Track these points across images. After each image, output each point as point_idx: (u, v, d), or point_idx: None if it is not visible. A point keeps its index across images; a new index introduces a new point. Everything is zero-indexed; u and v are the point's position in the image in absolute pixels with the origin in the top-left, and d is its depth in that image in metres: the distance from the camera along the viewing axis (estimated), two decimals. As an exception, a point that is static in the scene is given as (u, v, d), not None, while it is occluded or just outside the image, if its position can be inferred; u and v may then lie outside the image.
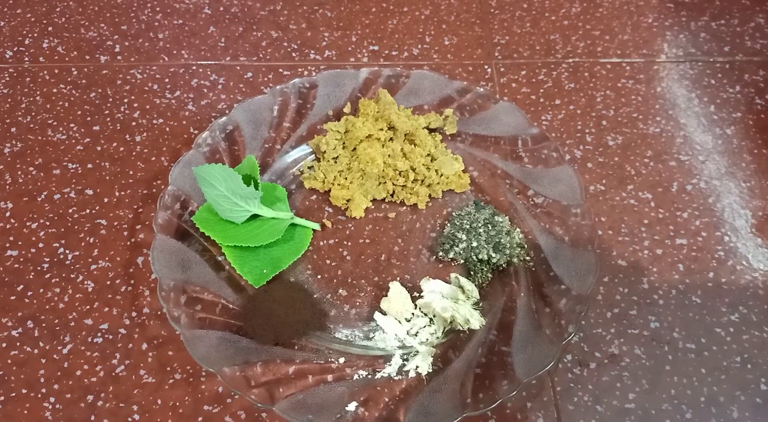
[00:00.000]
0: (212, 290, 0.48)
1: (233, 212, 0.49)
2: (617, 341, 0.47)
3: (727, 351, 0.47)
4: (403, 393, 0.44)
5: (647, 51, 0.68)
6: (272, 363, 0.44)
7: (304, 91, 0.59)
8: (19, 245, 0.52)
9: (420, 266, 0.51)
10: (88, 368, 0.46)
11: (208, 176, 0.48)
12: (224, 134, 0.55)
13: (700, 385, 0.45)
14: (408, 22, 0.71)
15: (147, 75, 0.65)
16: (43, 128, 0.60)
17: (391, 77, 0.60)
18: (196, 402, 0.44)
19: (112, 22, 0.71)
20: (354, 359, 0.46)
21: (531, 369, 0.42)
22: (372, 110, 0.56)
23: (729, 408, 0.44)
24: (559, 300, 0.46)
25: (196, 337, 0.44)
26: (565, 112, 0.62)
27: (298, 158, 0.58)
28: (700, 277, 0.51)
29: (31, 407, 0.44)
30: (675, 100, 0.63)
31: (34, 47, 0.68)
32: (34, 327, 0.48)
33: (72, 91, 0.64)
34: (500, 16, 0.72)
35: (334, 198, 0.54)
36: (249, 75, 0.65)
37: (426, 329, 0.47)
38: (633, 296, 0.49)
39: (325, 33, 0.70)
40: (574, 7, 0.73)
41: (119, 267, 0.51)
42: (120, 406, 0.44)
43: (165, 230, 0.49)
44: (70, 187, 0.56)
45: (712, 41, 0.69)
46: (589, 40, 0.69)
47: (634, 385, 0.45)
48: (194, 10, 0.72)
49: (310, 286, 0.50)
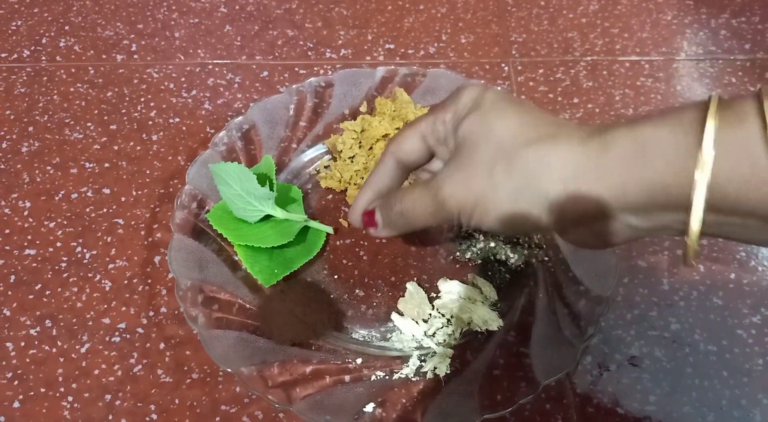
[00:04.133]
0: (229, 290, 0.48)
1: (247, 212, 0.49)
2: (637, 343, 0.47)
3: (749, 353, 0.46)
4: (420, 395, 0.43)
5: (666, 49, 0.67)
6: (289, 364, 0.44)
7: (320, 90, 0.59)
8: (37, 244, 0.52)
9: (437, 267, 0.51)
10: (106, 367, 0.46)
11: (224, 174, 0.48)
12: (240, 133, 0.55)
13: (722, 388, 0.45)
14: (424, 20, 0.71)
15: (163, 74, 0.66)
16: (60, 127, 0.61)
17: (407, 76, 0.59)
18: (213, 402, 0.44)
19: (129, 21, 0.71)
20: (371, 360, 0.45)
21: (550, 371, 0.42)
22: (388, 109, 0.56)
23: (751, 412, 0.43)
24: (578, 301, 0.46)
25: (214, 337, 0.44)
26: (583, 110, 0.61)
27: (314, 158, 0.57)
28: (721, 278, 0.50)
29: (49, 406, 0.44)
30: (695, 99, 0.63)
31: (51, 46, 0.68)
32: (52, 325, 0.48)
33: (89, 91, 0.64)
34: (517, 14, 0.71)
35: (351, 198, 0.54)
36: (265, 74, 0.65)
37: (443, 330, 0.47)
38: (653, 298, 0.49)
39: (340, 31, 0.70)
40: (592, 5, 0.72)
41: (136, 267, 0.51)
42: (138, 406, 0.44)
43: (182, 229, 0.49)
44: (87, 186, 0.56)
45: (732, 39, 0.68)
46: (608, 38, 0.68)
47: (654, 388, 0.45)
48: (210, 9, 0.72)
49: (327, 286, 0.50)
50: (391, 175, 0.41)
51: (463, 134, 0.35)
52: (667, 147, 0.29)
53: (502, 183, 0.33)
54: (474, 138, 0.34)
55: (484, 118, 0.34)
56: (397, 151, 0.40)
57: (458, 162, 0.35)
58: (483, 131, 0.34)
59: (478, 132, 0.34)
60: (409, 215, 0.38)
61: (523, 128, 0.33)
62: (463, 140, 0.35)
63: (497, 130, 0.34)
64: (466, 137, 0.35)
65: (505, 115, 0.34)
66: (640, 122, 0.30)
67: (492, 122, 0.34)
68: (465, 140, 0.35)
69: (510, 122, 0.34)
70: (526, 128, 0.33)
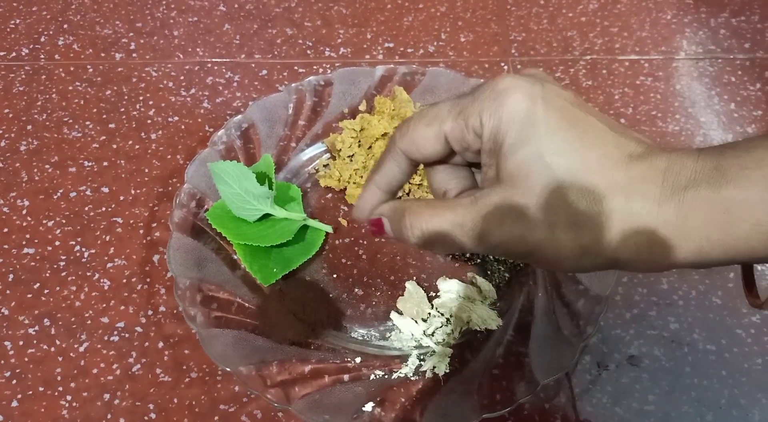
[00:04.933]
0: (228, 289, 0.47)
1: (246, 211, 0.49)
2: (636, 342, 0.47)
3: (748, 352, 0.46)
4: (419, 394, 0.43)
5: (666, 48, 0.67)
6: (288, 363, 0.44)
7: (319, 88, 0.59)
8: (35, 243, 0.52)
9: (436, 266, 0.51)
10: (105, 366, 0.46)
11: (222, 172, 0.48)
12: (239, 132, 0.55)
13: (721, 387, 0.45)
14: (423, 19, 0.71)
15: (162, 73, 0.65)
16: (58, 126, 0.61)
17: (406, 75, 0.59)
18: (212, 401, 0.44)
19: (127, 19, 0.71)
20: (370, 359, 0.45)
21: (549, 370, 0.42)
22: (388, 108, 0.56)
23: (750, 411, 0.43)
24: (577, 301, 0.46)
25: (212, 336, 0.44)
26: (582, 110, 0.61)
27: (313, 157, 0.57)
28: (720, 278, 0.50)
29: (48, 405, 0.44)
30: (694, 98, 0.63)
31: (50, 45, 0.68)
32: (51, 324, 0.48)
33: (87, 89, 0.64)
34: (517, 12, 0.71)
35: (350, 197, 0.54)
36: (264, 73, 0.65)
37: (442, 329, 0.47)
38: (652, 297, 0.49)
39: (340, 30, 0.69)
40: (592, 4, 0.72)
41: (135, 265, 0.51)
42: (136, 405, 0.44)
43: (181, 228, 0.49)
44: (86, 185, 0.56)
45: (732, 38, 0.68)
46: (607, 37, 0.68)
47: (653, 387, 0.45)
48: (209, 8, 0.72)
49: (326, 285, 0.50)
50: (399, 170, 0.36)
51: (515, 168, 0.30)
52: (756, 211, 0.27)
53: (566, 242, 0.29)
54: (531, 179, 0.29)
55: (542, 154, 0.29)
56: (410, 148, 0.34)
57: (509, 202, 0.30)
58: (540, 170, 0.29)
59: (535, 172, 0.29)
60: (433, 241, 0.33)
61: (589, 174, 0.29)
62: (515, 175, 0.30)
63: (558, 172, 0.29)
64: (518, 173, 0.30)
65: (567, 150, 0.29)
66: (722, 180, 0.27)
67: (552, 161, 0.29)
68: (517, 176, 0.30)
69: (573, 162, 0.29)
70: (592, 173, 0.29)
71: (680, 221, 0.28)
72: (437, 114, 0.33)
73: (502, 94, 0.30)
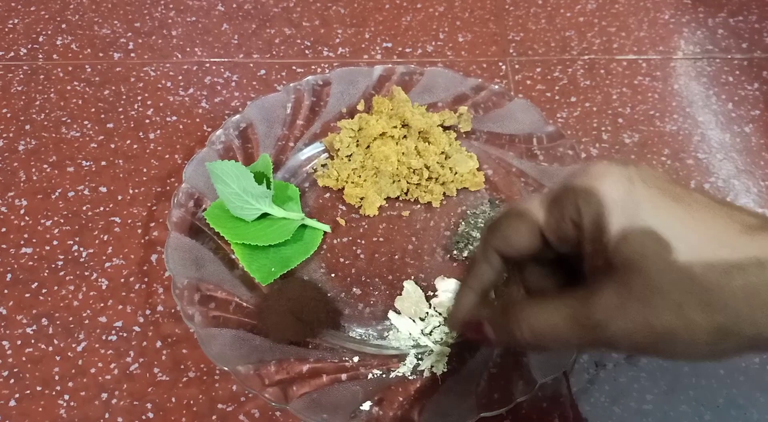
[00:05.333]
0: (226, 289, 0.47)
1: (244, 210, 0.49)
2: (634, 341, 0.47)
3: (746, 352, 0.46)
4: (417, 393, 0.43)
5: (664, 48, 0.67)
6: (286, 362, 0.44)
7: (317, 88, 0.59)
8: (33, 242, 0.52)
9: (434, 265, 0.51)
10: (103, 366, 0.46)
11: (220, 172, 0.48)
12: (238, 131, 0.55)
13: (719, 387, 0.45)
14: (422, 19, 0.71)
15: (160, 72, 0.65)
16: (57, 126, 0.61)
17: (405, 74, 0.59)
18: (210, 400, 0.44)
19: (126, 19, 0.71)
20: (368, 358, 0.45)
21: (547, 369, 0.42)
22: (386, 108, 0.56)
23: (748, 410, 0.44)
24: (575, 300, 0.46)
25: (210, 335, 0.44)
26: (580, 109, 0.61)
27: (311, 156, 0.57)
28: (718, 277, 0.50)
29: (45, 404, 0.44)
30: (692, 98, 0.63)
31: (48, 44, 0.68)
32: (49, 324, 0.48)
33: (86, 89, 0.64)
34: (515, 12, 0.71)
35: (348, 196, 0.54)
36: (262, 72, 0.65)
37: (440, 328, 0.47)
38: (650, 296, 0.49)
39: (338, 30, 0.69)
40: (590, 4, 0.72)
41: (133, 265, 0.51)
42: (134, 404, 0.44)
43: (179, 228, 0.49)
44: (84, 184, 0.56)
45: (729, 38, 0.68)
46: (605, 37, 0.68)
47: (651, 386, 0.45)
48: (207, 8, 0.72)
49: (324, 284, 0.50)
50: (492, 271, 0.35)
51: (628, 252, 0.28)
52: None
53: (701, 323, 0.27)
54: (648, 260, 0.28)
55: (654, 233, 0.28)
56: (503, 245, 0.33)
57: (624, 288, 0.28)
58: (657, 250, 0.27)
59: (652, 252, 0.28)
60: (545, 338, 0.31)
61: (713, 247, 0.27)
62: (629, 259, 0.28)
63: (678, 249, 0.27)
64: (632, 256, 0.28)
65: (679, 226, 0.28)
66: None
67: (668, 239, 0.27)
68: (632, 259, 0.28)
69: (690, 238, 0.27)
70: (716, 247, 0.27)
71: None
72: (529, 208, 0.32)
73: (598, 178, 0.30)
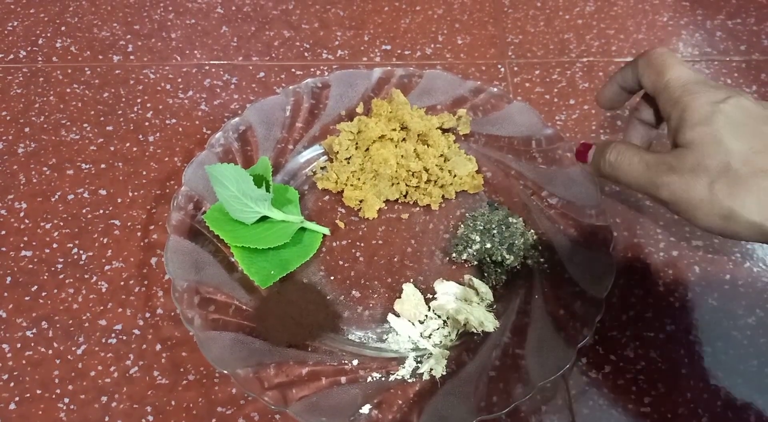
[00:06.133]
0: (225, 292, 0.48)
1: (243, 213, 0.49)
2: (633, 344, 0.47)
3: (744, 354, 0.46)
4: (416, 396, 0.44)
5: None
6: (285, 365, 0.44)
7: (316, 91, 0.59)
8: (33, 245, 0.52)
9: (433, 268, 0.51)
10: (102, 369, 0.46)
11: (220, 175, 0.48)
12: (237, 134, 0.55)
13: (717, 389, 0.45)
14: (421, 22, 0.71)
15: (160, 75, 0.65)
16: (56, 128, 0.61)
17: (404, 77, 0.59)
18: (209, 403, 0.44)
19: (125, 21, 0.71)
20: (367, 361, 0.45)
21: (546, 372, 0.42)
22: (385, 110, 0.56)
23: (746, 413, 0.44)
24: (573, 303, 0.46)
25: (210, 338, 0.44)
26: (579, 112, 0.62)
27: (310, 159, 0.57)
28: (716, 279, 0.50)
29: (45, 407, 0.44)
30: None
31: (48, 47, 0.68)
32: (49, 327, 0.48)
33: (85, 91, 0.64)
34: (513, 15, 0.71)
35: (347, 199, 0.54)
36: (261, 75, 0.65)
37: (439, 331, 0.47)
38: (649, 299, 0.49)
39: (337, 32, 0.70)
40: (588, 6, 0.72)
41: (133, 268, 0.51)
42: (134, 407, 0.44)
43: (178, 230, 0.49)
44: (83, 187, 0.56)
45: (728, 40, 0.68)
46: (604, 39, 0.69)
47: (649, 389, 0.45)
48: (207, 10, 0.72)
49: (323, 287, 0.50)
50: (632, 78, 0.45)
51: (693, 139, 0.38)
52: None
53: (721, 201, 0.36)
54: (704, 149, 0.37)
55: (717, 134, 0.37)
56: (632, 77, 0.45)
57: (683, 161, 0.38)
58: (713, 144, 0.37)
59: (709, 144, 0.37)
60: (618, 173, 0.42)
61: (754, 155, 0.36)
62: (692, 143, 0.38)
63: (729, 148, 0.36)
64: (696, 142, 0.38)
65: (738, 136, 0.37)
66: None
67: (724, 140, 0.37)
68: (694, 145, 0.38)
69: (742, 144, 0.36)
70: (757, 155, 0.36)
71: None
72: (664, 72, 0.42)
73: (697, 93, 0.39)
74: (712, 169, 0.37)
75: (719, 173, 0.37)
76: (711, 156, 0.37)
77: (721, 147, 0.37)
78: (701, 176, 0.37)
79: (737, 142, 0.37)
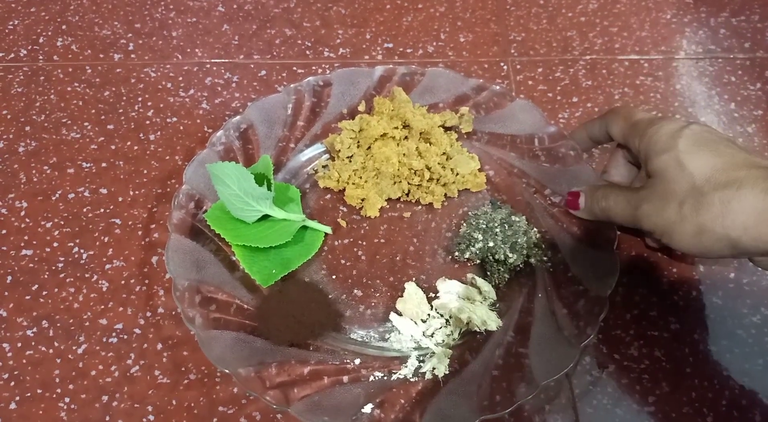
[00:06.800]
0: (227, 291, 0.47)
1: (245, 212, 0.49)
2: (637, 343, 0.47)
3: (749, 353, 0.46)
4: (419, 395, 0.43)
5: (666, 48, 0.67)
6: (287, 364, 0.44)
7: (318, 89, 0.59)
8: (33, 244, 0.52)
9: (436, 267, 0.51)
10: (103, 368, 0.46)
11: (221, 173, 0.47)
12: (238, 132, 0.55)
13: (722, 388, 0.44)
14: (423, 19, 0.70)
15: (161, 73, 0.65)
16: (57, 127, 0.60)
17: (406, 75, 0.59)
18: (211, 403, 0.44)
19: (126, 20, 0.71)
20: (369, 360, 0.45)
21: (549, 371, 0.42)
22: (387, 109, 0.56)
23: (751, 412, 0.43)
24: (577, 301, 0.46)
25: (211, 338, 0.43)
26: (582, 110, 0.61)
27: (312, 157, 0.57)
28: (720, 278, 0.50)
29: (46, 407, 0.44)
30: (695, 98, 0.62)
31: (48, 46, 0.68)
32: (49, 326, 0.48)
33: (86, 90, 0.64)
34: (516, 12, 0.71)
35: (349, 197, 0.53)
36: (263, 73, 0.65)
37: (442, 330, 0.46)
38: (653, 298, 0.49)
39: (339, 30, 0.69)
40: (592, 4, 0.72)
41: (134, 267, 0.51)
42: (135, 407, 0.44)
43: (179, 229, 0.49)
44: (84, 186, 0.56)
45: (732, 38, 0.68)
46: (607, 37, 0.68)
47: (654, 388, 0.45)
48: (208, 8, 0.72)
49: (325, 286, 0.49)
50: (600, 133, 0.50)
51: (660, 167, 0.41)
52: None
53: (689, 218, 0.39)
54: (670, 174, 0.40)
55: (679, 158, 0.40)
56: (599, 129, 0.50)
57: (654, 190, 0.41)
58: (678, 169, 0.40)
59: (673, 170, 0.40)
60: (610, 214, 0.45)
61: (714, 172, 0.38)
62: (660, 171, 0.41)
63: (691, 170, 0.39)
64: (663, 170, 0.41)
65: (698, 157, 0.40)
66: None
67: (686, 163, 0.40)
68: (661, 171, 0.41)
69: (702, 164, 0.39)
70: (716, 172, 0.38)
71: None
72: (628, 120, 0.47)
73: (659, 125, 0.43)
74: (679, 192, 0.39)
75: (686, 194, 0.39)
76: (676, 181, 0.40)
77: (685, 170, 0.39)
78: (670, 201, 0.40)
79: (698, 162, 0.39)
